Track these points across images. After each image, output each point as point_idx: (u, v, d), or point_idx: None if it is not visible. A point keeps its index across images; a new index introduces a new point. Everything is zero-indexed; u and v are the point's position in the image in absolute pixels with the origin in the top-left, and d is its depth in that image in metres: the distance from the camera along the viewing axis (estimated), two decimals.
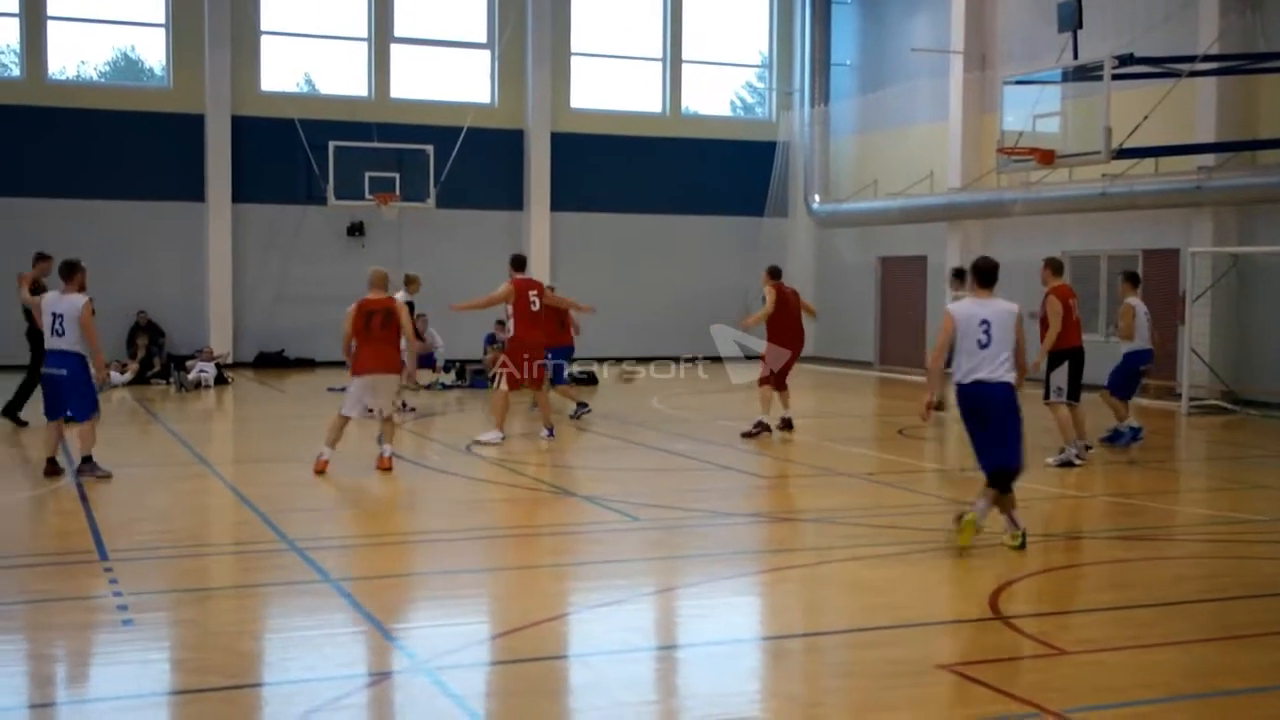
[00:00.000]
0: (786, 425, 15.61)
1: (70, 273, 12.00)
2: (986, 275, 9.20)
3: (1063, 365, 13.25)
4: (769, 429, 15.31)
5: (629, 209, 28.22)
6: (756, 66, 30.12)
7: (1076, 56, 17.60)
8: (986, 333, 8.91)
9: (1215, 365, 19.04)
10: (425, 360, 21.73)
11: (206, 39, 25.06)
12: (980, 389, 8.92)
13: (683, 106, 29.04)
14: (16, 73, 24.72)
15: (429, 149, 25.68)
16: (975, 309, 9.05)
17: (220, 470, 13.03)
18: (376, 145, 25.44)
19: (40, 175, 24.39)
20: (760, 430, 15.23)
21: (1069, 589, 8.53)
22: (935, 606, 7.76)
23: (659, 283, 28.01)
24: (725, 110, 30.09)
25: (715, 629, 7.41)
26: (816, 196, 28.29)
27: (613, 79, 28.51)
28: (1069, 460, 12.93)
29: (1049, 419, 13.35)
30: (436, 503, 11.34)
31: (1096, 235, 21.88)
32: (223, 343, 24.80)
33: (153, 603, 7.64)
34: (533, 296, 14.65)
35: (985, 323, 8.93)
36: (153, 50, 25.81)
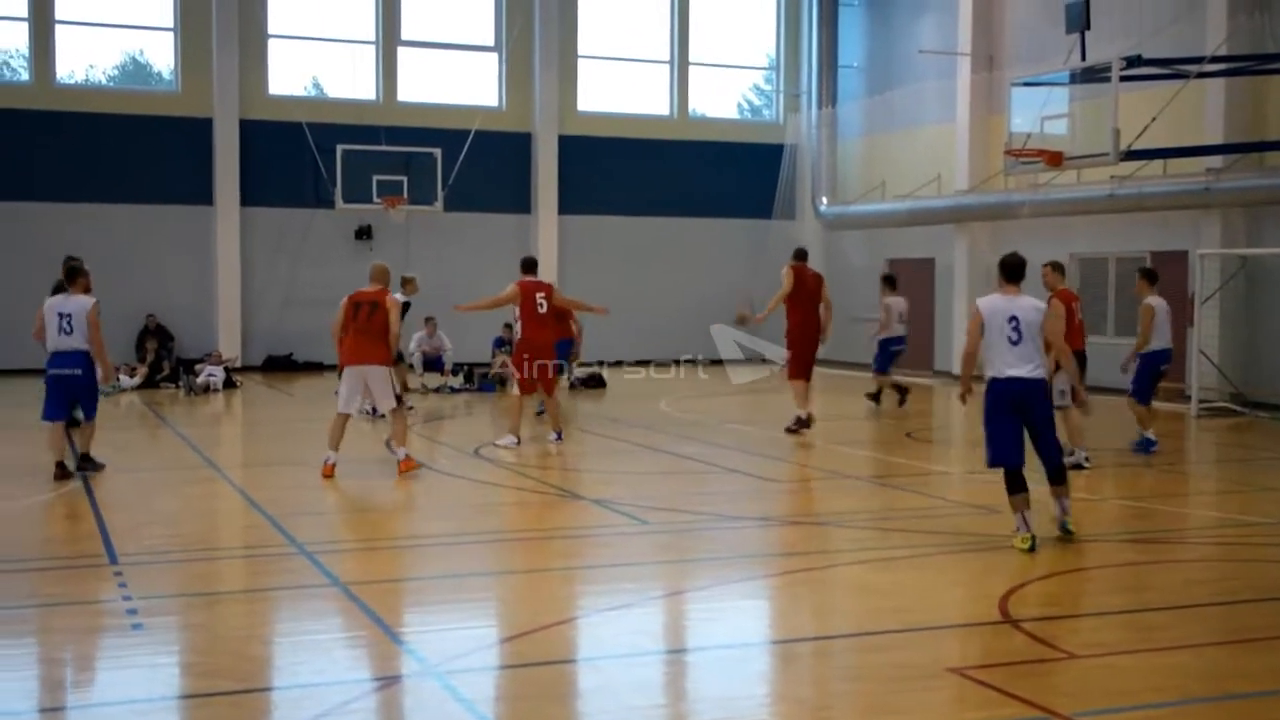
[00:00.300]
0: (805, 425, 15.68)
1: (74, 276, 12.22)
2: (1014, 271, 9.26)
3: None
4: (808, 425, 15.50)
5: (637, 212, 28.22)
6: (764, 69, 30.12)
7: (1084, 58, 17.58)
8: (1016, 329, 9.02)
9: (1224, 367, 19.00)
10: (433, 363, 21.79)
11: (214, 43, 25.11)
12: (1019, 385, 9.05)
13: (690, 109, 29.04)
14: (25, 77, 24.78)
15: (437, 152, 25.72)
16: (1002, 304, 9.12)
17: (229, 474, 13.06)
18: (384, 149, 25.48)
19: (49, 180, 24.44)
20: (800, 426, 15.46)
21: (1079, 592, 8.50)
22: (944, 610, 7.75)
23: (667, 286, 27.99)
24: (732, 113, 30.09)
25: (724, 632, 7.41)
26: (824, 199, 28.28)
27: (620, 82, 28.51)
28: (1078, 463, 12.87)
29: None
30: (445, 506, 11.34)
31: (1105, 237, 21.83)
32: (231, 346, 24.84)
33: (162, 607, 7.66)
34: (539, 298, 14.55)
35: (1014, 319, 9.04)
36: (161, 54, 25.86)
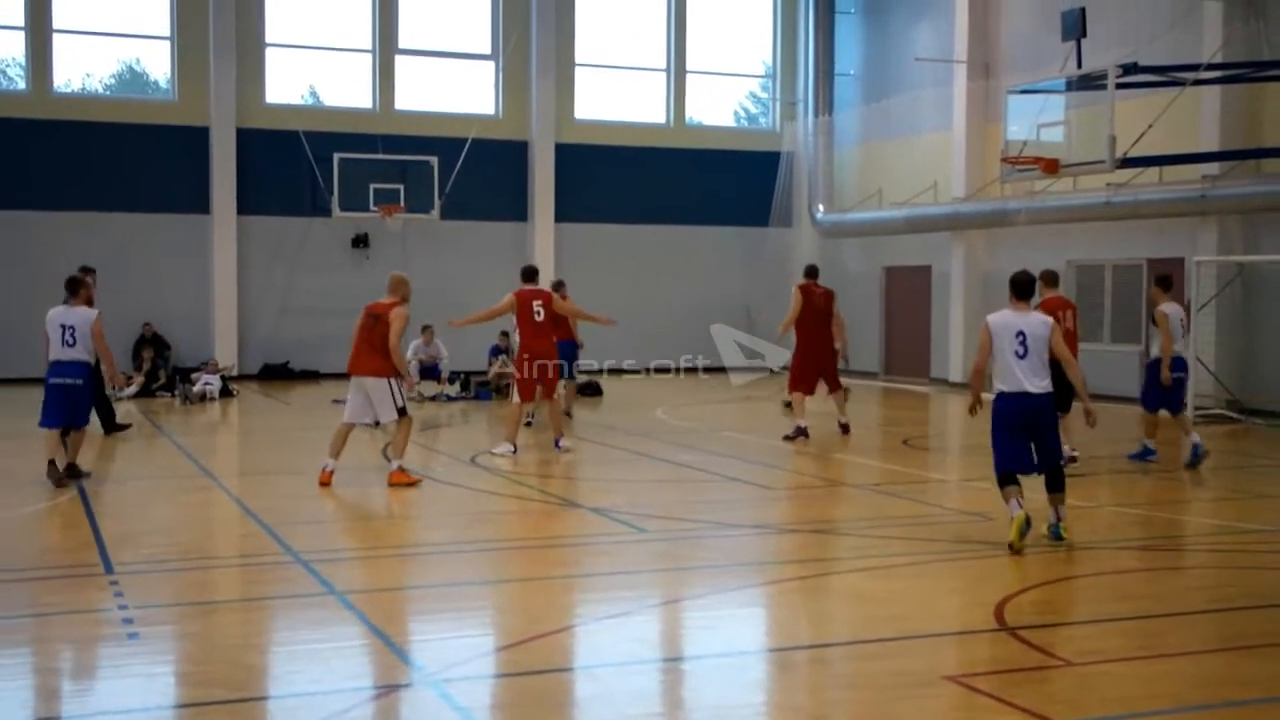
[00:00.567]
0: (803, 434, 15.86)
1: (76, 288, 12.50)
2: (1024, 288, 9.53)
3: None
4: (805, 434, 15.83)
5: (633, 220, 28.22)
6: (760, 77, 30.15)
7: (1080, 65, 17.60)
8: (1023, 344, 9.27)
9: (1220, 374, 19.01)
10: (430, 371, 21.80)
11: (211, 51, 25.12)
12: (1028, 400, 9.30)
13: (687, 117, 29.07)
14: (22, 85, 24.79)
15: (433, 160, 25.70)
16: (1012, 320, 9.38)
17: (225, 483, 13.04)
18: (381, 157, 25.47)
19: (46, 188, 24.43)
20: (798, 434, 15.82)
21: (1075, 600, 8.50)
22: (941, 618, 7.75)
23: (664, 294, 27.98)
24: (729, 121, 30.12)
25: (721, 641, 7.40)
26: (820, 206, 28.30)
27: (617, 90, 28.55)
28: (1071, 458, 13.04)
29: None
30: (442, 515, 11.34)
31: (1101, 245, 21.86)
32: (228, 355, 24.82)
33: (158, 616, 7.64)
34: (536, 306, 14.54)
35: (1021, 334, 9.29)
36: (158, 63, 25.89)
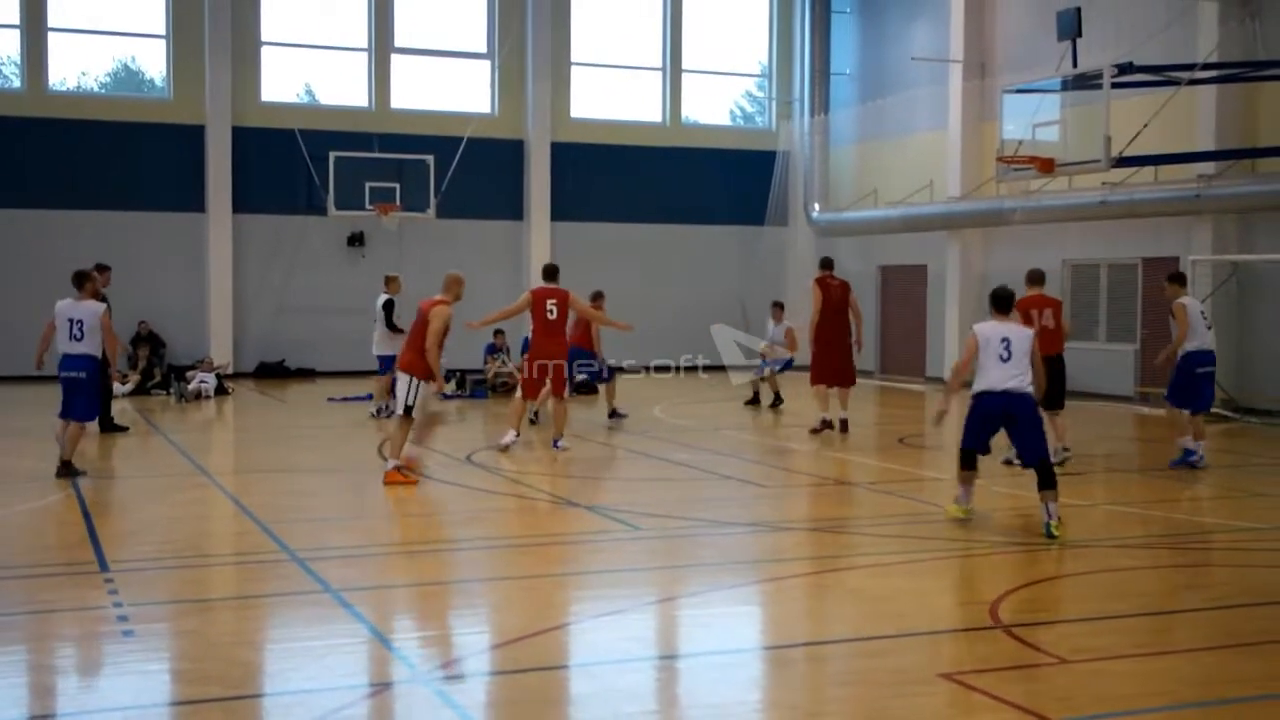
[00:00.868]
0: (828, 426, 16.23)
1: (82, 282, 12.71)
2: (1004, 303, 10.54)
3: None
4: (830, 426, 16.18)
5: (629, 218, 28.20)
6: (756, 76, 30.15)
7: (1076, 65, 17.59)
8: (1007, 349, 10.16)
9: (1216, 373, 18.97)
10: None
11: (207, 50, 25.09)
12: (1010, 398, 10.11)
13: (683, 116, 29.06)
14: (17, 84, 24.74)
15: (429, 159, 25.68)
16: (998, 328, 10.33)
17: (220, 480, 13.03)
18: (377, 155, 25.46)
19: (41, 186, 24.40)
20: (824, 427, 16.15)
21: (1070, 597, 8.51)
22: (937, 615, 7.76)
23: (659, 292, 27.92)
24: (725, 120, 30.11)
25: (717, 638, 7.40)
26: (816, 205, 28.30)
27: (613, 89, 28.53)
28: (1063, 457, 13.29)
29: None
30: (438, 513, 11.34)
31: (1096, 244, 21.88)
32: (223, 353, 24.78)
33: (153, 613, 7.63)
34: (550, 305, 14.55)
35: (1006, 340, 10.19)
36: (153, 61, 25.85)
